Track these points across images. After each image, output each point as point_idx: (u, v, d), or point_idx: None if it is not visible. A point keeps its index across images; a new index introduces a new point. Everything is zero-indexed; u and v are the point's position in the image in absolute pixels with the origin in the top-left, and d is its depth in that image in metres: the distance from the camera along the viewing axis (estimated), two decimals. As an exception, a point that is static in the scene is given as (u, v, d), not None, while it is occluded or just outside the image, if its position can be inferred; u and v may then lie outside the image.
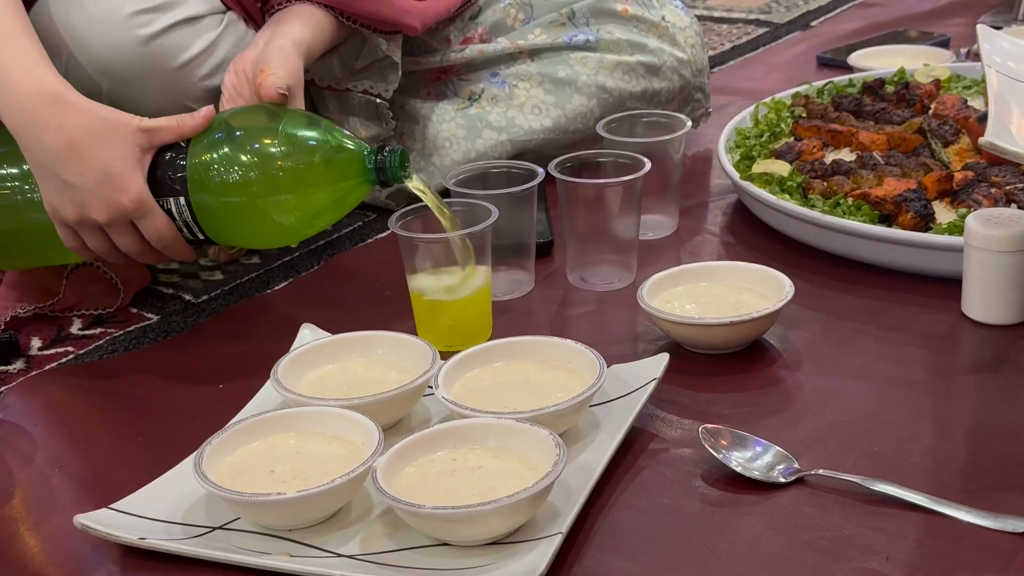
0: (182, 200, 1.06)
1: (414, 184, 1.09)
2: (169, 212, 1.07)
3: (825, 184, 1.27)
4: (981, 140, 0.96)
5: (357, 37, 1.31)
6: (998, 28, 1.59)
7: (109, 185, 1.04)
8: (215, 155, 1.06)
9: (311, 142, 1.07)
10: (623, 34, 1.47)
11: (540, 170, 1.19)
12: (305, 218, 1.08)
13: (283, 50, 1.14)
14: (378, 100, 1.37)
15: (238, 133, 1.07)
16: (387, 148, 1.07)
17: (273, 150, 1.05)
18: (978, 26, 1.18)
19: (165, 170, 1.07)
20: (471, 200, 1.14)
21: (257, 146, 1.06)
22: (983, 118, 1.33)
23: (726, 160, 1.35)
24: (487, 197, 1.14)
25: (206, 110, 1.08)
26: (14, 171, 1.11)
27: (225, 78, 1.16)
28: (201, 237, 1.10)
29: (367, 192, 1.10)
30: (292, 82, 1.11)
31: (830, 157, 1.37)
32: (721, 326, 1.05)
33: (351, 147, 1.08)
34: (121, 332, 1.23)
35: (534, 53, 1.46)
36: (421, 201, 1.11)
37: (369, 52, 1.35)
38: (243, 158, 1.05)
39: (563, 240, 1.24)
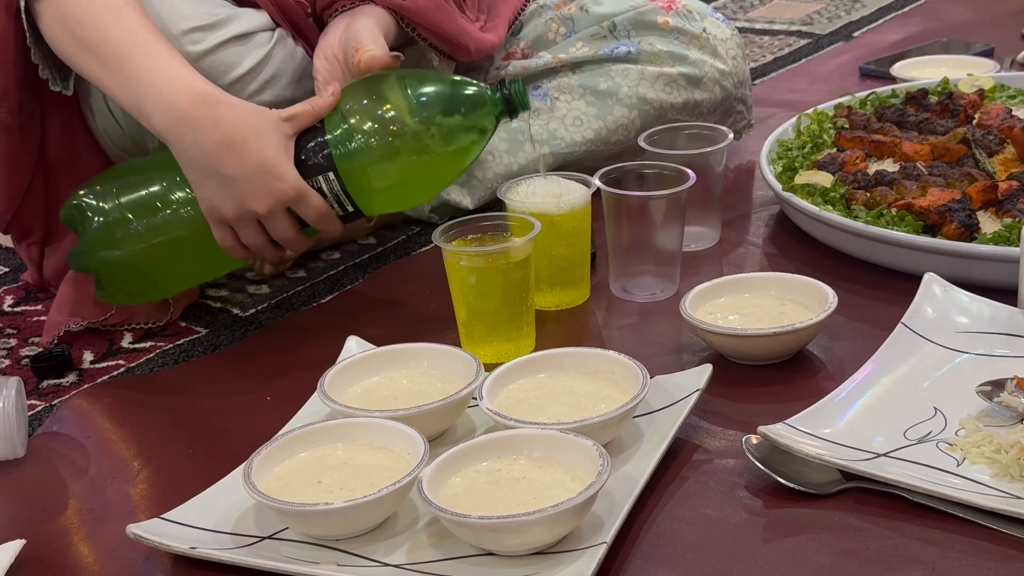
0: (331, 175, 1.11)
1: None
2: (320, 191, 1.11)
3: (868, 195, 1.27)
4: None
5: (417, 48, 1.32)
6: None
7: (268, 175, 1.08)
8: (356, 125, 1.11)
9: (441, 92, 1.13)
10: (664, 46, 1.47)
11: (595, 180, 1.20)
12: (451, 163, 1.13)
13: (370, 29, 1.18)
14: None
15: (371, 100, 1.12)
16: (506, 81, 1.14)
17: (411, 107, 1.11)
18: None
19: (307, 151, 1.11)
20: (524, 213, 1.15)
21: (395, 105, 1.11)
22: (1028, 127, 1.32)
23: (768, 171, 1.35)
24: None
25: (334, 87, 1.13)
26: (157, 190, 1.14)
27: (316, 64, 1.19)
28: (351, 210, 1.13)
29: (495, 126, 1.15)
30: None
31: (873, 168, 1.37)
32: (764, 337, 1.05)
33: (476, 88, 1.14)
34: (171, 345, 1.25)
35: (576, 66, 1.47)
36: (464, 215, 1.13)
37: (424, 67, 1.36)
38: (384, 121, 1.11)
39: (606, 251, 1.25)
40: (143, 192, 1.14)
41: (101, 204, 1.14)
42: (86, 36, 1.09)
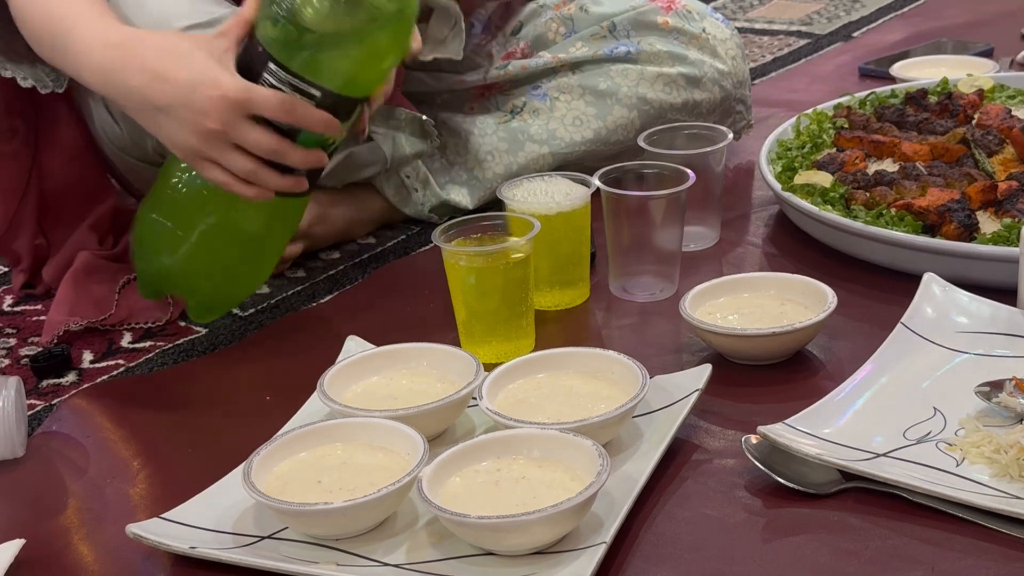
0: (272, 65, 1.04)
1: None
2: (273, 87, 1.05)
3: (868, 195, 1.27)
4: None
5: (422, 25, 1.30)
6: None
7: (202, 87, 1.03)
8: (276, 4, 1.02)
9: None
10: (664, 46, 1.47)
11: (595, 180, 1.20)
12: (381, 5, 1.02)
13: None
14: (423, 117, 1.39)
15: None
16: None
17: None
18: None
19: (249, 56, 1.06)
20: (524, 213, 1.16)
21: None
22: (1027, 127, 1.32)
23: (768, 171, 1.36)
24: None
25: None
26: (171, 186, 1.13)
27: None
28: (317, 94, 1.04)
29: None
30: None
31: (872, 168, 1.37)
32: (763, 337, 1.05)
33: None
34: (170, 345, 1.25)
35: (575, 66, 1.47)
36: (464, 215, 1.12)
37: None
38: None
39: (606, 251, 1.25)
40: (165, 193, 1.14)
41: (140, 223, 1.15)
42: (37, 27, 1.10)
